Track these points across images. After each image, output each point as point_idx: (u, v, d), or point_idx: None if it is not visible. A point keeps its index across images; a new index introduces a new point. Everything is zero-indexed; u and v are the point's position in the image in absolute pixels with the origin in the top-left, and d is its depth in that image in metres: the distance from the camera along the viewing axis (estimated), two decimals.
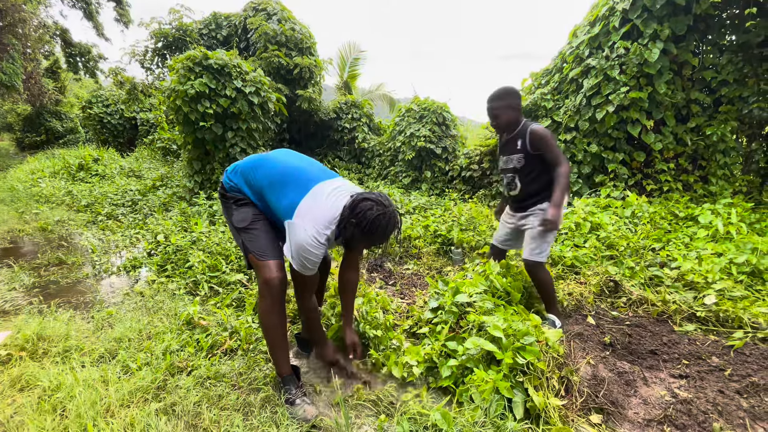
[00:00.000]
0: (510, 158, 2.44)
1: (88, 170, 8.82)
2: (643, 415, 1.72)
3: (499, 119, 2.39)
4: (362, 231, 1.61)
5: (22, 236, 4.75)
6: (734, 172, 4.66)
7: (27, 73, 13.65)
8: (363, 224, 1.60)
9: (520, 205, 2.50)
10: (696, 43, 4.65)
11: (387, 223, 1.63)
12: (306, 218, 1.64)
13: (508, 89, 2.40)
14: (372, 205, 1.61)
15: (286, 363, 1.83)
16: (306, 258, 1.65)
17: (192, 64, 5.53)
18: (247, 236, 1.78)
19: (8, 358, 2.09)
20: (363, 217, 1.60)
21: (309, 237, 1.62)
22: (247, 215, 1.78)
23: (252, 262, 1.80)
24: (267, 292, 1.74)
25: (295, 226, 1.64)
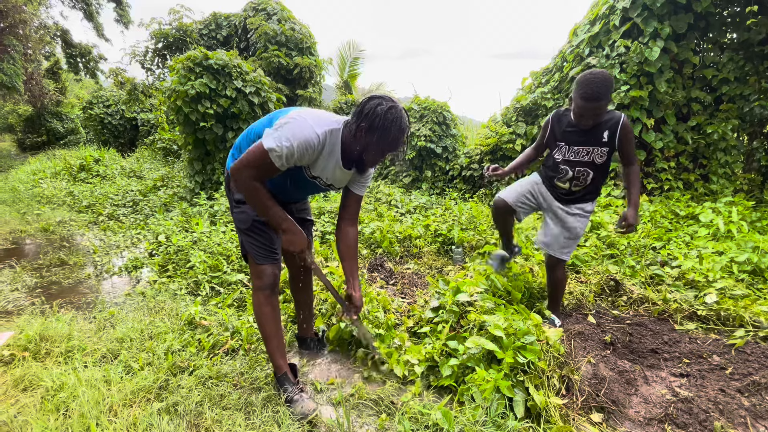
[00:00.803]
0: (587, 150, 2.15)
1: (89, 171, 8.83)
2: (644, 414, 1.72)
3: (600, 116, 2.07)
4: (377, 132, 1.47)
5: (23, 237, 4.76)
6: (735, 170, 4.66)
7: (28, 74, 13.67)
8: (377, 122, 1.46)
9: (567, 199, 2.30)
10: (696, 42, 4.64)
11: (401, 117, 1.50)
12: (303, 113, 1.54)
13: (608, 79, 1.96)
14: (380, 101, 1.49)
15: (283, 358, 1.84)
16: (289, 139, 1.45)
17: (192, 64, 5.54)
18: (248, 239, 1.77)
19: (11, 358, 2.10)
20: (374, 115, 1.46)
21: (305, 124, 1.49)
22: (248, 217, 1.75)
23: (249, 263, 1.82)
24: (260, 284, 1.77)
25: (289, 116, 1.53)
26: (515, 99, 6.08)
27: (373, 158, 1.60)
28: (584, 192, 2.26)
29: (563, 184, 2.26)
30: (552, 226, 2.36)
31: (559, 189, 2.31)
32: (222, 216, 4.70)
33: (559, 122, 2.24)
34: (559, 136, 2.23)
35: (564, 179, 2.25)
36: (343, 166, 1.64)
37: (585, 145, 2.15)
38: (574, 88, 2.02)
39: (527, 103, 5.71)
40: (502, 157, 6.04)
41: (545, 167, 2.39)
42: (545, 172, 2.38)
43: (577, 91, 1.99)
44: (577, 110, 2.05)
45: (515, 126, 5.82)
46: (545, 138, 2.32)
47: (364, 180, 1.82)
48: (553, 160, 2.28)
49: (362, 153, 1.57)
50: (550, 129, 2.28)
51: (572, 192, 2.27)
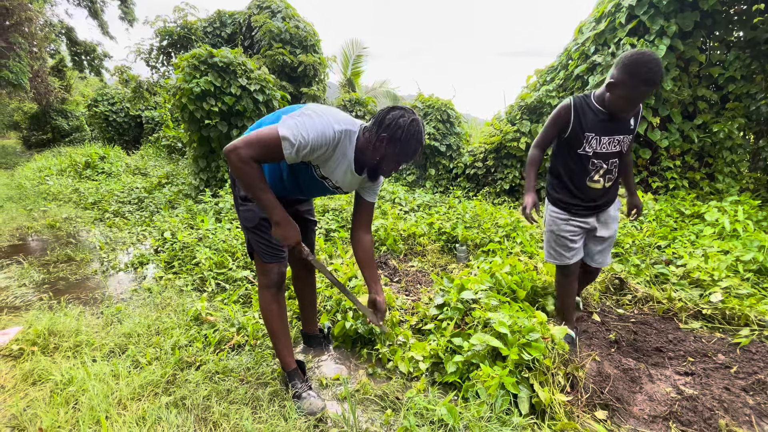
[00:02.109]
0: (618, 139, 1.94)
1: (94, 168, 8.88)
2: (648, 412, 1.72)
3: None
4: (398, 142, 1.49)
5: (30, 233, 4.80)
6: (741, 169, 4.63)
7: (33, 71, 13.75)
8: (399, 134, 1.48)
9: (605, 200, 2.06)
10: (703, 40, 4.62)
11: (421, 131, 1.53)
12: (321, 107, 1.54)
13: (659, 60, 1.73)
14: (402, 113, 1.51)
15: (290, 355, 1.85)
16: (307, 129, 1.43)
17: (197, 62, 5.55)
18: (254, 237, 1.77)
19: (20, 352, 2.12)
20: (396, 126, 1.48)
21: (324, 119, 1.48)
22: (254, 215, 1.74)
23: (256, 262, 1.82)
24: (267, 282, 1.78)
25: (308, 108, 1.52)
26: (520, 97, 6.07)
27: (389, 168, 1.60)
28: (615, 187, 2.07)
29: (596, 183, 1.98)
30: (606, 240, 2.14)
31: (592, 192, 2.00)
32: (227, 213, 4.72)
33: (584, 110, 1.91)
34: (589, 126, 1.91)
35: (597, 175, 1.97)
36: (355, 170, 1.64)
37: (615, 134, 1.92)
38: (626, 70, 1.73)
39: (532, 101, 5.70)
40: (507, 156, 6.03)
41: (567, 171, 2.02)
42: (569, 177, 2.02)
43: (633, 73, 1.71)
44: (630, 95, 1.77)
45: (520, 124, 5.81)
46: (567, 131, 1.95)
47: (375, 186, 1.83)
48: (579, 156, 1.96)
49: (379, 162, 1.57)
50: (575, 119, 1.92)
51: (607, 190, 2.02)
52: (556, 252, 2.12)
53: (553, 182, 2.11)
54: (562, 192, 2.06)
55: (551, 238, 2.13)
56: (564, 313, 2.23)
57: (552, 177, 2.11)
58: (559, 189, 2.08)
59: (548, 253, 2.18)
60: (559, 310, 2.27)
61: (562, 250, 2.10)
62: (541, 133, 2.06)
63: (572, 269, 2.13)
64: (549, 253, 2.17)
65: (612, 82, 1.79)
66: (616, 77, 1.78)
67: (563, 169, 2.04)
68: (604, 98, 1.88)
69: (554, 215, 2.09)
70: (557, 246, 2.11)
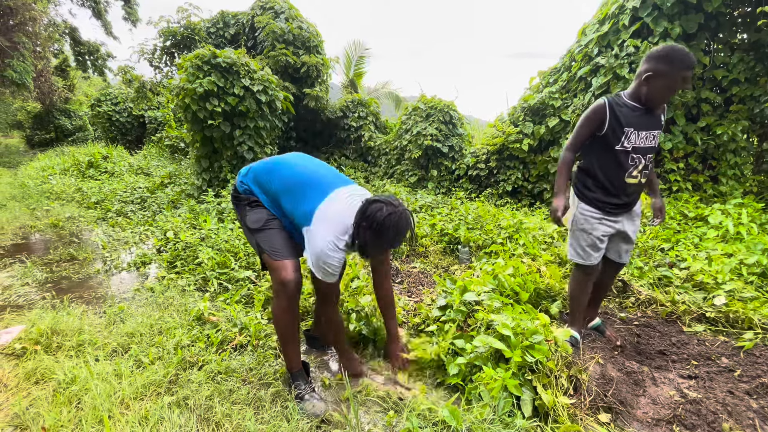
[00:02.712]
0: (653, 134, 1.98)
1: (97, 167, 8.91)
2: (651, 415, 1.72)
3: None
4: (374, 233, 1.60)
5: (33, 232, 4.82)
6: (745, 172, 4.61)
7: (37, 71, 13.80)
8: (374, 225, 1.59)
9: (636, 197, 2.10)
10: (707, 42, 4.60)
11: (398, 221, 1.61)
12: (324, 224, 1.65)
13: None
14: (381, 206, 1.60)
15: (297, 358, 1.85)
16: (327, 264, 1.66)
17: (200, 62, 5.57)
18: (262, 236, 1.78)
19: (23, 351, 2.13)
20: (373, 219, 1.59)
21: (328, 243, 1.63)
22: (261, 215, 1.77)
23: (267, 262, 1.79)
24: (282, 293, 1.74)
25: (313, 234, 1.65)
26: (522, 98, 6.06)
27: (373, 253, 1.71)
28: (647, 183, 2.08)
29: (634, 179, 1.99)
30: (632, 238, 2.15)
31: (629, 188, 2.01)
32: (229, 213, 4.73)
33: (619, 107, 1.94)
34: (627, 121, 1.93)
35: (635, 171, 1.99)
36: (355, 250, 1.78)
37: (651, 128, 1.96)
38: (664, 60, 1.81)
39: (535, 102, 5.69)
40: (509, 157, 6.02)
41: (604, 169, 2.02)
42: (605, 175, 2.01)
43: (672, 59, 1.79)
44: (671, 83, 1.83)
45: (522, 125, 5.80)
46: (603, 129, 1.95)
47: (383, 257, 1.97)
48: (616, 153, 1.96)
49: (364, 246, 1.67)
50: (611, 116, 1.93)
51: (641, 185, 2.04)
52: (585, 252, 2.10)
53: (586, 181, 2.08)
54: (598, 191, 2.05)
55: (581, 237, 2.11)
56: (575, 313, 2.22)
57: (586, 176, 2.09)
58: (594, 188, 2.06)
59: (575, 252, 2.14)
60: (571, 309, 2.24)
61: (590, 250, 2.09)
62: (573, 136, 2.05)
63: (595, 269, 2.15)
64: (576, 253, 2.13)
65: (650, 74, 1.85)
66: (654, 68, 1.84)
67: (599, 168, 2.03)
68: (639, 93, 1.93)
69: (587, 214, 2.07)
70: (587, 245, 2.10)
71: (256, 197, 1.84)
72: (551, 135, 5.56)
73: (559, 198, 2.02)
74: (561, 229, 3.86)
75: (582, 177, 2.11)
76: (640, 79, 1.91)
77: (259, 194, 1.83)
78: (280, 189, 1.77)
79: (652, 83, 1.87)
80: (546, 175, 5.63)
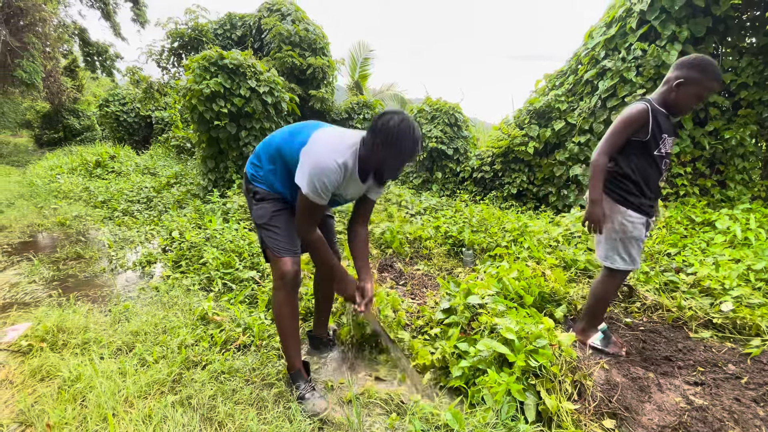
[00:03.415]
0: (674, 140, 2.17)
1: (104, 167, 9.00)
2: (657, 422, 1.70)
3: None
4: (391, 145, 1.54)
5: (41, 231, 4.86)
6: (753, 176, 4.57)
7: (46, 71, 13.97)
8: (390, 138, 1.53)
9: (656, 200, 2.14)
10: (715, 46, 4.58)
11: (413, 128, 1.56)
12: (321, 143, 1.64)
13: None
14: (391, 116, 1.56)
15: (297, 356, 1.86)
16: (320, 180, 1.57)
17: (207, 63, 5.61)
18: (266, 233, 1.80)
19: (29, 348, 2.15)
20: (388, 131, 1.53)
21: (326, 157, 1.58)
22: (266, 211, 1.79)
23: (270, 257, 1.83)
24: (281, 284, 1.78)
25: (311, 150, 1.63)
26: (528, 101, 6.05)
27: (392, 171, 1.67)
28: None
29: (663, 182, 2.15)
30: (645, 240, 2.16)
31: (659, 192, 2.10)
32: (234, 213, 4.75)
33: (657, 112, 1.93)
34: (663, 127, 1.94)
35: (663, 176, 2.05)
36: (361, 179, 1.73)
37: (673, 135, 2.03)
38: (697, 69, 1.84)
39: (541, 105, 5.68)
40: (515, 160, 6.01)
41: (644, 174, 2.01)
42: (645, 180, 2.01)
43: (705, 70, 1.84)
44: (701, 92, 1.87)
45: (528, 128, 5.79)
46: (647, 134, 1.93)
47: (381, 188, 1.90)
48: (654, 158, 1.98)
49: (381, 167, 1.65)
50: (653, 121, 1.92)
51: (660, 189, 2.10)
52: (631, 258, 2.06)
53: (628, 187, 2.02)
54: (641, 196, 2.03)
55: (630, 244, 2.06)
56: (599, 316, 2.19)
57: (626, 181, 2.02)
58: (638, 193, 2.02)
59: (622, 259, 2.06)
60: (596, 313, 2.19)
61: (636, 255, 2.08)
62: (609, 140, 1.97)
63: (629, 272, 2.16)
64: (624, 260, 2.06)
65: (682, 81, 1.87)
66: (686, 76, 1.87)
67: (639, 173, 2.00)
68: (667, 100, 1.95)
69: (636, 221, 2.03)
70: (633, 251, 2.07)
71: (262, 185, 1.82)
72: (557, 138, 5.54)
73: (600, 205, 1.97)
74: (566, 233, 3.84)
75: (622, 183, 2.03)
76: (669, 86, 1.92)
77: (267, 163, 1.80)
78: (280, 140, 1.77)
79: (682, 90, 1.89)
80: (551, 178, 5.61)
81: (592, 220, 1.99)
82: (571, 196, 5.27)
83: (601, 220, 1.97)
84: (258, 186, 1.83)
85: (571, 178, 5.33)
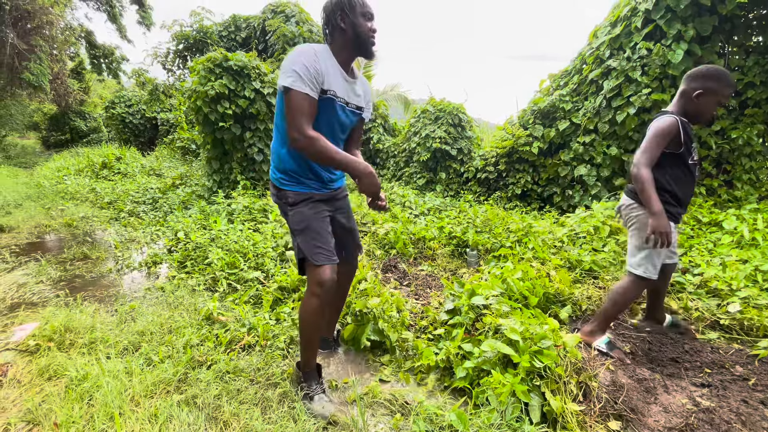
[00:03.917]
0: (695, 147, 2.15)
1: (110, 168, 9.07)
2: (663, 423, 1.69)
3: None
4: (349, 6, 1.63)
5: (48, 231, 4.91)
6: (760, 176, 4.52)
7: (53, 73, 14.10)
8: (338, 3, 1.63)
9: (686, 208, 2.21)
10: (721, 45, 4.54)
11: None
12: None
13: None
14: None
15: (314, 360, 1.86)
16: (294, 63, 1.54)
17: (212, 65, 5.65)
18: (303, 238, 1.72)
19: (37, 348, 2.17)
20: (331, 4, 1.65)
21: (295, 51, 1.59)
22: (303, 216, 1.72)
23: (307, 268, 1.76)
24: (319, 292, 1.70)
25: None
26: (532, 101, 6.02)
27: (363, 25, 1.66)
28: None
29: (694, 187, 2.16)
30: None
31: (690, 198, 2.17)
32: (239, 214, 4.77)
33: (683, 123, 2.01)
34: (691, 137, 2.06)
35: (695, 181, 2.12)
36: (346, 73, 1.72)
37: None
38: (712, 79, 1.95)
39: (545, 105, 5.65)
40: (519, 160, 5.99)
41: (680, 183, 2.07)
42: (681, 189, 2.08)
43: (720, 79, 1.94)
44: (720, 99, 1.97)
45: (532, 128, 5.77)
46: (681, 144, 2.01)
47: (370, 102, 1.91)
48: (689, 166, 2.06)
49: (355, 33, 1.65)
50: (684, 132, 1.99)
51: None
52: (655, 266, 2.09)
53: (664, 198, 2.04)
54: (677, 206, 2.09)
55: (662, 253, 2.09)
56: (610, 320, 2.19)
57: (663, 194, 2.04)
58: (674, 202, 2.08)
59: (647, 268, 2.07)
60: (609, 318, 2.18)
61: (659, 264, 2.10)
62: (647, 154, 1.99)
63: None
64: (648, 269, 2.08)
65: (701, 92, 1.97)
66: (704, 86, 1.97)
67: (675, 183, 2.06)
68: (687, 110, 2.05)
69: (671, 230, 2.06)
70: (660, 261, 2.10)
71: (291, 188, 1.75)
72: (561, 138, 5.52)
73: (663, 216, 1.93)
74: (571, 233, 3.83)
75: (659, 195, 2.01)
76: (687, 97, 2.02)
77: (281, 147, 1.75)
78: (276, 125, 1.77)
79: (702, 101, 1.98)
80: (556, 178, 5.59)
81: (659, 233, 1.93)
82: (576, 197, 5.24)
83: (669, 231, 1.94)
84: (287, 188, 1.76)
85: (576, 178, 5.31)
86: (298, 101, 1.53)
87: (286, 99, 1.55)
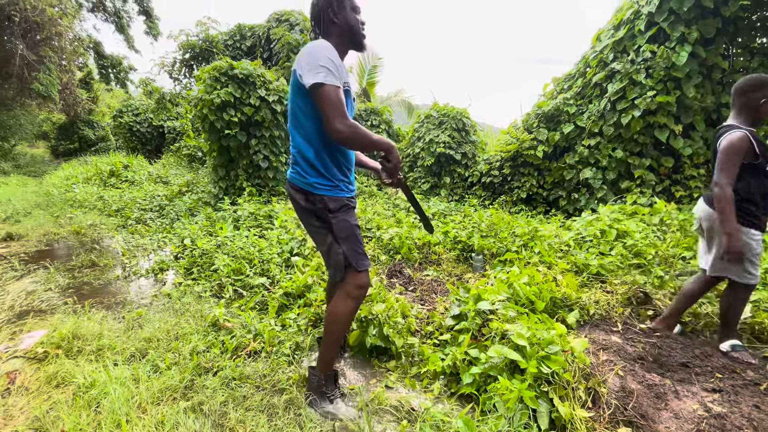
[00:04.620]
0: None
1: (118, 176, 9.16)
2: (674, 430, 1.66)
3: None
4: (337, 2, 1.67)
5: (57, 239, 4.96)
6: None
7: (62, 84, 14.31)
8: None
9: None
10: (725, 46, 4.52)
11: None
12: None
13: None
14: None
15: (334, 360, 1.88)
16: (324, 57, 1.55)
17: (218, 74, 5.71)
18: (349, 245, 1.74)
19: (45, 355, 2.18)
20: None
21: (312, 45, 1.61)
22: (347, 224, 1.74)
23: (349, 273, 1.77)
24: (358, 295, 1.76)
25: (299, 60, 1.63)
26: (537, 105, 6.02)
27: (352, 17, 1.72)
28: None
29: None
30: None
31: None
32: (245, 221, 4.79)
33: (752, 134, 2.06)
34: (765, 145, 2.10)
35: None
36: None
37: None
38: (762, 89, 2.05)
39: (549, 109, 5.65)
40: (523, 164, 5.98)
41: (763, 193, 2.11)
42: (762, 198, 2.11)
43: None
44: None
45: (537, 132, 5.76)
46: (758, 157, 2.06)
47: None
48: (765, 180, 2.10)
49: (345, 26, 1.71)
50: (757, 144, 2.05)
51: None
52: (752, 274, 2.14)
53: (749, 209, 2.11)
54: (761, 214, 2.13)
55: (757, 262, 2.14)
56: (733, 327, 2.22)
57: (747, 205, 2.11)
58: (758, 212, 2.12)
59: (750, 275, 2.14)
60: (729, 325, 2.22)
61: (756, 270, 2.15)
62: (726, 172, 2.04)
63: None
64: (750, 275, 2.14)
65: (765, 100, 2.05)
66: (765, 94, 2.04)
67: (758, 193, 2.11)
68: (752, 120, 2.12)
69: (758, 238, 2.13)
70: (757, 266, 2.15)
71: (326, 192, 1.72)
72: (566, 141, 5.50)
73: (739, 236, 2.04)
74: (577, 237, 3.80)
75: (744, 206, 2.11)
76: (754, 107, 2.08)
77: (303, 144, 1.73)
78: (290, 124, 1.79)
79: (765, 107, 2.07)
80: (561, 181, 5.56)
81: (735, 253, 2.01)
82: (582, 200, 5.21)
83: (744, 251, 2.03)
84: (325, 193, 1.71)
85: (582, 181, 5.28)
86: (335, 95, 1.54)
87: (321, 95, 1.53)
